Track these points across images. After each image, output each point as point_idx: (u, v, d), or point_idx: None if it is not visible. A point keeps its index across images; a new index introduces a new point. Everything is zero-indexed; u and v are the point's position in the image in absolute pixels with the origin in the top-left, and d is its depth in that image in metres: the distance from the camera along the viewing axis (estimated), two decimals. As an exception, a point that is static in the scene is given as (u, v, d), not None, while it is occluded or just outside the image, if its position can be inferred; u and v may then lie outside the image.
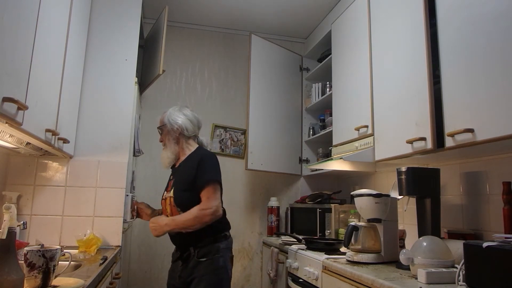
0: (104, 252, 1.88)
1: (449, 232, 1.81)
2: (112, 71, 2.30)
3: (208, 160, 1.88)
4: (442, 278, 1.32)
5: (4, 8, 1.02)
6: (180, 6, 3.08)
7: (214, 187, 1.82)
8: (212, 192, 1.81)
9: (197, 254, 1.81)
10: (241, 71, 3.42)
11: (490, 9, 1.38)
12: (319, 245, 2.21)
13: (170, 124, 1.98)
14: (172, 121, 1.98)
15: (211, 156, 1.92)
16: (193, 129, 2.01)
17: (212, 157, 1.92)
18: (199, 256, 1.81)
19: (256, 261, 3.25)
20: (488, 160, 1.74)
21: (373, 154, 2.06)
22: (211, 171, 1.86)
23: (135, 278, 2.95)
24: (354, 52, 2.39)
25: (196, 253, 1.82)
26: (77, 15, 1.95)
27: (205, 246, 1.82)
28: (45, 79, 1.46)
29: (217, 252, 1.83)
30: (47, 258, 1.16)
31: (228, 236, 1.93)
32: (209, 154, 1.95)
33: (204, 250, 1.82)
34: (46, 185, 2.12)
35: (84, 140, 2.20)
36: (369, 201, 1.87)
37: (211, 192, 1.80)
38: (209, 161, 1.88)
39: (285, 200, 3.33)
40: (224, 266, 1.84)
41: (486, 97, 1.36)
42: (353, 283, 1.57)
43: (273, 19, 3.26)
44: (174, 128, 1.97)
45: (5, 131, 1.33)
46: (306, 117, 3.40)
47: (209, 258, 1.81)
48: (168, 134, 1.99)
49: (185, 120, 1.98)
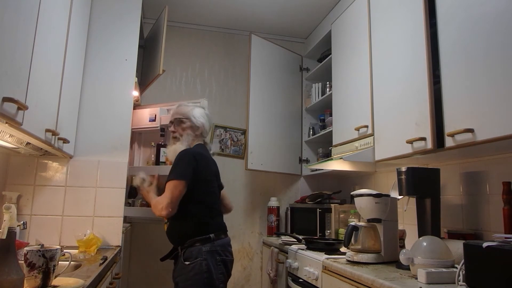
0: (104, 252, 1.88)
1: (449, 232, 1.81)
2: (112, 71, 2.30)
3: (178, 157, 1.88)
4: (442, 278, 1.32)
5: (4, 8, 1.02)
6: (180, 6, 3.08)
7: (173, 184, 1.79)
8: (168, 189, 1.79)
9: (183, 256, 1.80)
10: (241, 71, 3.42)
11: (490, 9, 1.38)
12: (319, 245, 2.20)
13: (196, 120, 1.99)
14: (197, 118, 1.99)
15: (184, 153, 1.89)
16: (207, 133, 2.07)
17: (183, 154, 1.88)
18: (184, 258, 1.80)
19: (256, 261, 3.25)
20: (488, 160, 1.74)
21: (373, 154, 2.06)
22: (176, 168, 1.84)
23: (135, 278, 2.95)
24: (354, 52, 2.39)
25: (182, 254, 1.81)
26: (77, 15, 1.95)
27: (188, 248, 1.80)
28: (45, 79, 1.46)
29: (199, 255, 1.77)
30: (47, 258, 1.16)
31: (213, 238, 1.82)
32: (185, 151, 1.91)
33: (187, 253, 1.80)
34: (46, 185, 2.12)
35: (84, 140, 2.21)
36: (369, 201, 1.87)
37: (167, 189, 1.80)
38: (178, 158, 1.87)
39: (285, 200, 3.33)
40: (208, 270, 1.75)
41: (486, 97, 1.36)
42: (353, 283, 1.57)
43: (273, 19, 3.26)
44: (196, 126, 2.00)
45: (5, 131, 1.33)
46: (306, 117, 3.40)
47: (192, 261, 1.77)
48: (188, 129, 2.00)
49: (206, 123, 2.03)
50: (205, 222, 1.85)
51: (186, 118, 2.00)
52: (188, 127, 2.00)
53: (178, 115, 2.03)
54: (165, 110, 2.60)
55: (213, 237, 1.83)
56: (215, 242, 1.83)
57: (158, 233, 2.98)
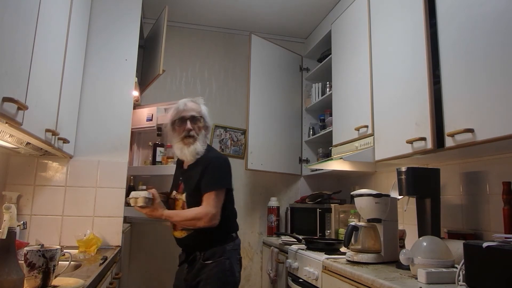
0: (104, 252, 1.88)
1: (449, 232, 1.81)
2: (112, 71, 2.30)
3: (216, 164, 1.82)
4: (442, 278, 1.32)
5: (4, 8, 1.02)
6: (180, 6, 3.08)
7: (216, 193, 1.75)
8: (213, 199, 1.73)
9: (203, 257, 1.77)
10: (241, 71, 3.42)
11: (490, 9, 1.38)
12: (319, 245, 2.20)
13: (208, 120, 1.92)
14: (208, 117, 1.92)
15: (220, 161, 1.85)
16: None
17: (221, 162, 1.85)
18: (204, 258, 1.76)
19: (256, 261, 3.25)
20: (488, 160, 1.74)
21: (373, 154, 2.06)
22: (217, 177, 1.79)
23: (135, 278, 2.95)
24: (354, 52, 2.39)
25: (202, 256, 1.77)
26: (77, 15, 1.95)
27: (211, 248, 1.77)
28: (45, 79, 1.46)
29: (223, 254, 1.77)
30: (47, 258, 1.16)
31: (235, 237, 1.87)
32: (218, 158, 1.88)
33: (210, 252, 1.77)
34: (46, 185, 2.12)
35: (84, 140, 2.21)
36: (369, 201, 1.87)
37: (211, 199, 1.73)
38: (217, 166, 1.82)
39: (285, 200, 3.33)
40: (231, 268, 1.77)
41: (486, 97, 1.36)
42: (353, 283, 1.57)
43: (273, 19, 3.26)
44: (207, 126, 1.93)
45: (5, 131, 1.33)
46: (306, 117, 3.40)
47: (215, 260, 1.75)
48: (202, 128, 1.90)
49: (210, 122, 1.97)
50: (230, 222, 1.86)
51: (200, 116, 1.89)
52: (202, 127, 1.90)
53: (194, 112, 1.88)
54: (162, 110, 2.61)
55: (235, 236, 1.87)
56: (236, 241, 1.87)
57: (158, 233, 2.99)
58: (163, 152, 2.60)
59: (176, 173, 2.02)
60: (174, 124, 1.89)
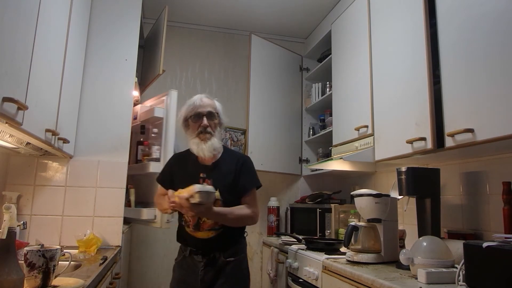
0: (104, 252, 1.88)
1: (449, 232, 1.81)
2: (112, 71, 2.30)
3: (251, 163, 1.91)
4: (442, 278, 1.32)
5: (4, 8, 1.02)
6: (180, 6, 3.08)
7: (255, 191, 1.86)
8: (255, 197, 1.84)
9: (224, 255, 1.76)
10: (241, 71, 3.42)
11: (490, 9, 1.38)
12: (319, 245, 2.20)
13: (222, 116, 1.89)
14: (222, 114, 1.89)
15: (250, 159, 1.95)
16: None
17: (251, 161, 1.94)
18: (226, 256, 1.76)
19: (256, 261, 3.25)
20: (488, 160, 1.74)
21: (373, 154, 2.06)
22: (255, 176, 1.89)
23: (135, 278, 2.95)
24: (354, 52, 2.39)
25: (222, 255, 1.76)
26: (77, 15, 1.95)
27: (232, 247, 1.80)
28: (45, 79, 1.46)
29: (242, 251, 1.85)
30: (47, 258, 1.16)
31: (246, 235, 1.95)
32: (247, 157, 1.99)
33: (232, 250, 1.79)
34: (46, 185, 2.12)
35: (84, 140, 2.21)
36: (369, 201, 1.87)
37: (255, 197, 1.83)
38: (252, 164, 1.91)
39: (285, 200, 3.33)
40: (247, 266, 1.87)
41: (486, 97, 1.36)
42: (353, 283, 1.57)
43: (273, 19, 3.26)
44: (222, 123, 1.89)
45: (5, 131, 1.33)
46: (306, 117, 3.40)
47: (236, 258, 1.80)
48: (218, 125, 1.85)
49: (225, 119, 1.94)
50: None
51: (216, 112, 1.84)
52: (218, 123, 1.85)
53: (210, 108, 1.82)
54: (145, 107, 2.63)
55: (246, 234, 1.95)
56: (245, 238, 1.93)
57: (158, 233, 2.99)
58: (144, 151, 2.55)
59: (189, 169, 1.84)
60: (189, 120, 1.82)
